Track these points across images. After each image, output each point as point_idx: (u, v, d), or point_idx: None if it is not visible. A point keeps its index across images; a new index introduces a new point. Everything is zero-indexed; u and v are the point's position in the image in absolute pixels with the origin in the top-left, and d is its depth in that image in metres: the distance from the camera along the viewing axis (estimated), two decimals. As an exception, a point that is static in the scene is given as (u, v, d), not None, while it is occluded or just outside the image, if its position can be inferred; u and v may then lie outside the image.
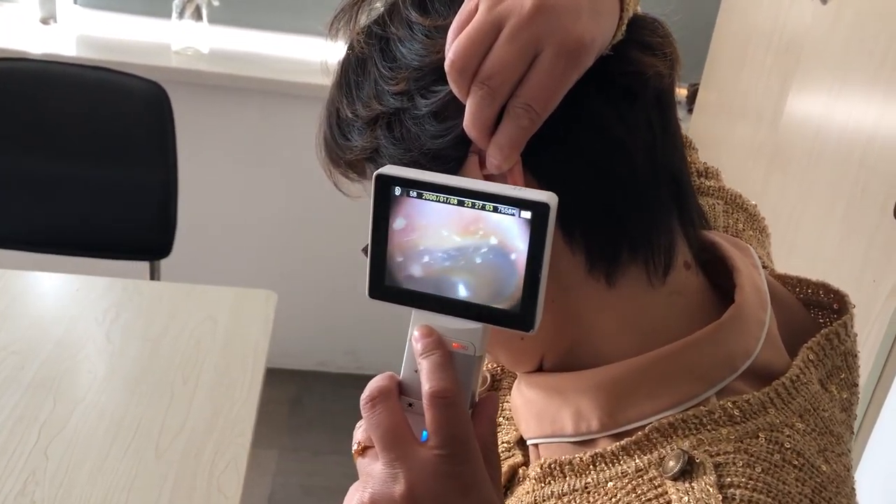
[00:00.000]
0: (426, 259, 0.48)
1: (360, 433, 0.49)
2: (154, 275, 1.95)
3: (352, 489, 0.49)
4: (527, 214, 0.45)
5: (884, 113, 1.34)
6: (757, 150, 1.83)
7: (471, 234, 0.47)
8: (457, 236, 0.47)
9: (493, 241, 0.46)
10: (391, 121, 0.52)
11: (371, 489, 0.46)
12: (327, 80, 0.60)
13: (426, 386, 0.46)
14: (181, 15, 2.24)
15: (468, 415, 0.47)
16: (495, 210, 0.46)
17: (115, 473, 1.06)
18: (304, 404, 2.57)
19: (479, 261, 0.47)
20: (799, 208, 1.58)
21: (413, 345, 0.49)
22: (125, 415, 1.17)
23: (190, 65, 2.24)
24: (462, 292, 0.48)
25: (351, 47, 0.56)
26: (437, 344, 0.48)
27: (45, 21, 2.33)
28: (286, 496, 2.24)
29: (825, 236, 1.47)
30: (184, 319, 1.41)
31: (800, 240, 1.55)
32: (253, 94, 2.30)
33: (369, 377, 0.50)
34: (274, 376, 1.29)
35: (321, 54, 0.59)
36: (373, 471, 0.47)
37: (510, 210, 0.45)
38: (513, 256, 0.46)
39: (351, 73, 0.56)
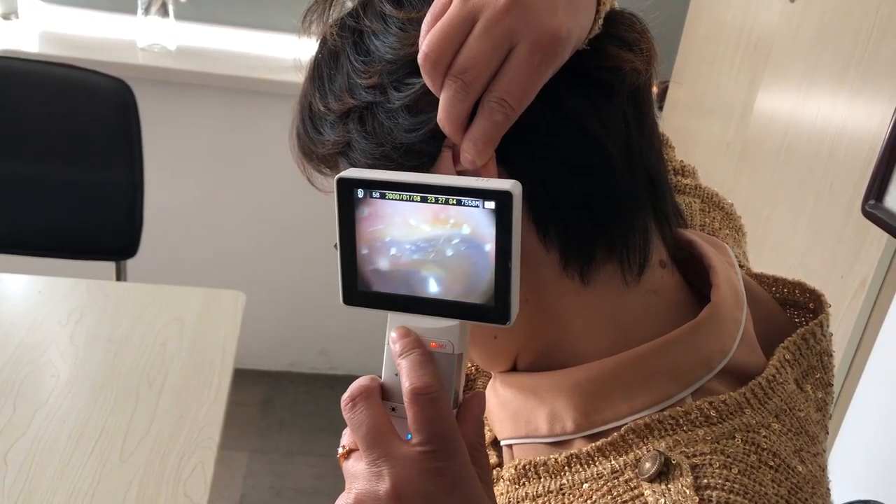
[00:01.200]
0: (397, 261, 0.47)
1: (345, 437, 0.48)
2: (120, 275, 1.91)
3: (342, 495, 0.48)
4: (490, 205, 0.44)
5: (851, 110, 1.35)
6: (727, 147, 1.84)
7: (439, 231, 0.46)
8: (425, 234, 0.46)
9: (462, 235, 0.45)
10: (363, 114, 0.52)
11: (356, 489, 0.45)
12: (296, 77, 0.59)
13: (406, 383, 0.45)
14: (147, 11, 2.20)
15: (451, 411, 0.46)
16: (459, 203, 0.45)
17: (77, 479, 1.04)
18: (275, 405, 2.55)
19: (450, 256, 0.46)
20: (768, 205, 1.59)
21: (391, 347, 0.48)
22: (89, 419, 1.15)
23: (156, 62, 2.20)
24: (435, 289, 0.47)
25: (324, 40, 0.55)
26: (416, 343, 0.47)
27: (6, 16, 2.28)
28: (257, 498, 2.21)
29: (794, 232, 1.48)
30: (150, 321, 1.39)
31: (769, 236, 1.56)
32: (221, 92, 2.27)
33: (342, 377, 0.49)
34: (245, 377, 1.27)
35: (289, 51, 0.58)
36: (357, 471, 0.46)
37: (473, 202, 0.44)
38: (482, 249, 0.45)
39: (324, 66, 0.55)
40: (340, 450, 0.48)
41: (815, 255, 1.41)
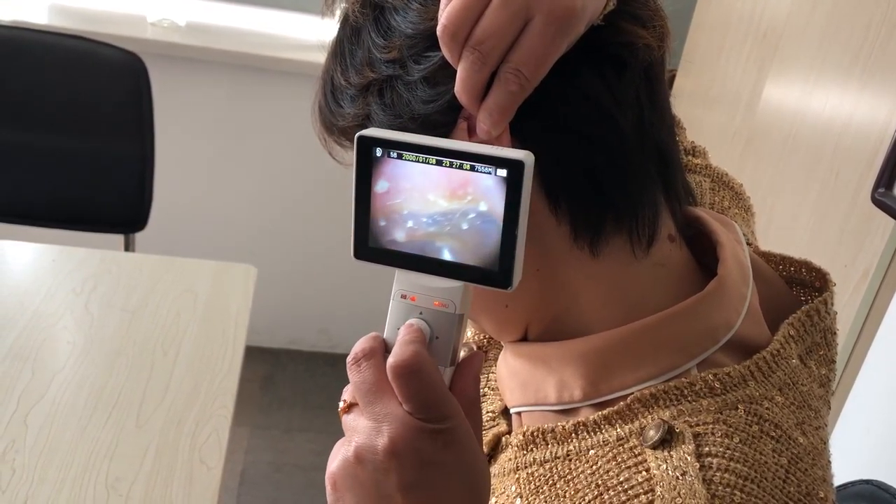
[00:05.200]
0: (409, 221, 0.48)
1: (346, 392, 0.50)
2: (128, 248, 1.93)
3: (337, 445, 0.49)
4: (503, 172, 0.45)
5: (859, 101, 1.36)
6: (733, 136, 1.85)
7: (453, 196, 0.47)
8: (439, 198, 0.47)
9: (471, 200, 0.47)
10: (383, 87, 0.53)
11: (356, 442, 0.47)
12: (305, 56, 0.60)
13: (390, 360, 0.47)
14: (159, -14, 2.21)
15: (439, 378, 0.47)
16: (472, 169, 0.46)
17: (96, 442, 1.06)
18: (276, 382, 2.57)
19: (459, 221, 0.47)
20: (772, 193, 1.61)
21: (397, 304, 0.50)
22: (105, 385, 1.17)
23: (166, 37, 2.21)
24: (444, 251, 0.48)
25: (346, 17, 0.57)
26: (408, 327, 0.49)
27: (17, -12, 2.29)
28: (257, 473, 2.24)
29: (798, 222, 1.50)
30: (163, 292, 1.41)
31: (773, 224, 1.58)
32: (229, 69, 2.28)
33: (342, 356, 0.51)
34: (246, 354, 1.29)
35: (298, 30, 0.59)
36: (357, 425, 0.48)
37: (486, 168, 0.46)
38: (491, 217, 0.46)
39: (345, 42, 0.56)
40: (341, 404, 0.50)
41: (818, 245, 1.42)
